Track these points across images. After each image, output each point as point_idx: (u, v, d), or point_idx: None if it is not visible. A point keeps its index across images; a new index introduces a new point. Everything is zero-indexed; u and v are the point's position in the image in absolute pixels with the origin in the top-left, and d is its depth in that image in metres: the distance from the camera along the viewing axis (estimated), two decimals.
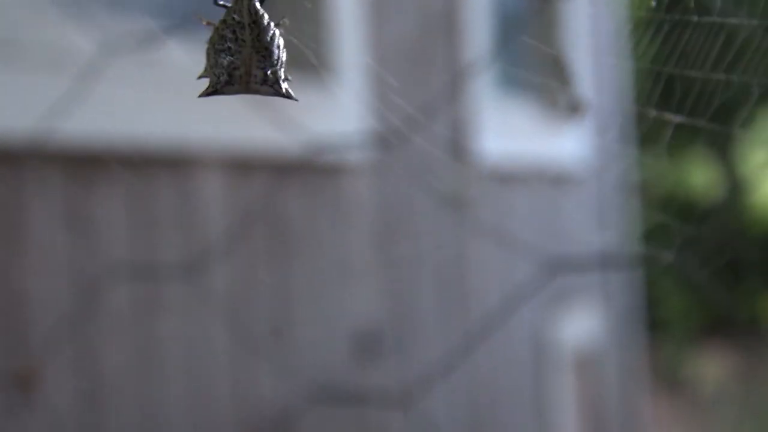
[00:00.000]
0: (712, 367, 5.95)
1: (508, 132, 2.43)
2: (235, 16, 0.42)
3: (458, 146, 2.12)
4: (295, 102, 0.44)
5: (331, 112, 1.54)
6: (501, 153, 2.34)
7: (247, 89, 0.43)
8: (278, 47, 0.42)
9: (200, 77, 0.43)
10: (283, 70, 0.43)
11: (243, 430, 1.32)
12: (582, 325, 3.06)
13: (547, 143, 2.75)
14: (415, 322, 1.89)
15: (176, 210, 1.21)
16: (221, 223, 1.29)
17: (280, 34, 0.42)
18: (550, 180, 2.83)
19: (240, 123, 1.26)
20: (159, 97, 1.14)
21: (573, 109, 1.99)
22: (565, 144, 2.95)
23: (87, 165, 1.06)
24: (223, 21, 0.42)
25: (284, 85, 0.43)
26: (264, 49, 0.42)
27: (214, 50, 0.42)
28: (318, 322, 1.53)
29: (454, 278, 2.09)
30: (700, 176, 6.84)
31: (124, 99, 1.08)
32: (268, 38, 0.42)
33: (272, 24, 0.42)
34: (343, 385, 1.58)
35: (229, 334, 1.30)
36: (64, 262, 1.03)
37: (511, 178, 2.48)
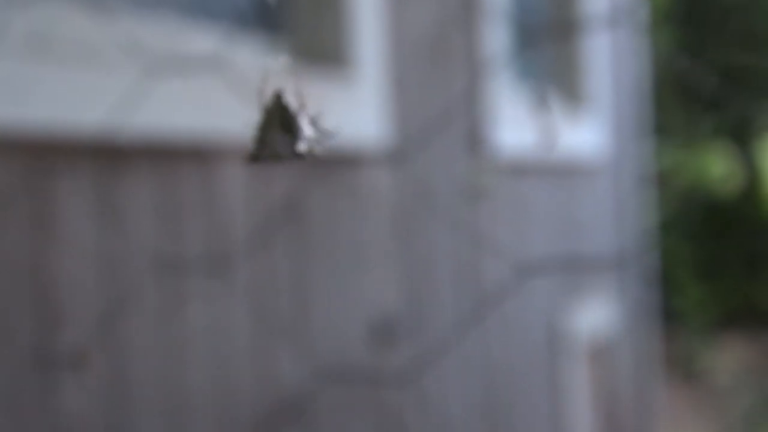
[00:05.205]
0: (728, 359, 5.96)
1: (526, 124, 2.44)
2: None
3: (476, 138, 2.14)
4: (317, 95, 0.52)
5: (350, 104, 1.57)
6: (518, 145, 2.36)
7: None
8: None
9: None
10: None
11: (262, 410, 1.35)
12: (597, 314, 3.08)
13: (565, 135, 2.76)
14: (432, 311, 1.91)
15: (200, 202, 1.24)
16: (244, 213, 1.32)
17: None
18: (567, 172, 2.84)
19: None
20: (184, 91, 1.17)
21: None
22: (582, 136, 2.96)
23: (115, 156, 1.10)
24: None
25: None
26: None
27: None
28: (336, 310, 1.56)
29: (471, 268, 2.12)
30: (720, 169, 6.83)
31: (150, 92, 1.11)
32: None
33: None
34: (359, 372, 1.61)
35: (250, 320, 1.33)
36: (94, 250, 1.06)
37: (529, 170, 2.49)
